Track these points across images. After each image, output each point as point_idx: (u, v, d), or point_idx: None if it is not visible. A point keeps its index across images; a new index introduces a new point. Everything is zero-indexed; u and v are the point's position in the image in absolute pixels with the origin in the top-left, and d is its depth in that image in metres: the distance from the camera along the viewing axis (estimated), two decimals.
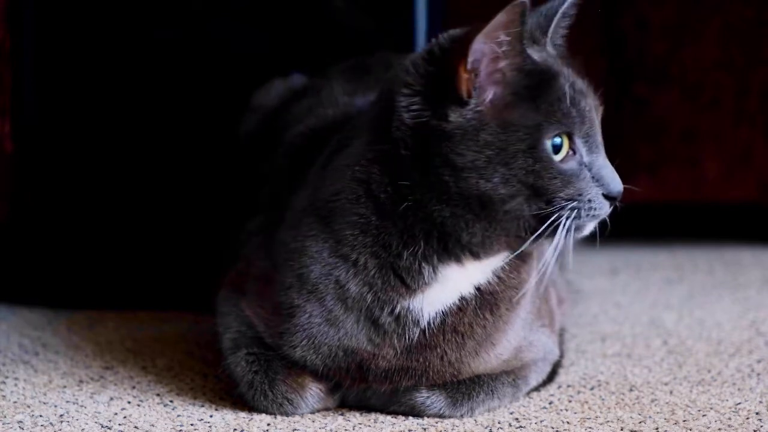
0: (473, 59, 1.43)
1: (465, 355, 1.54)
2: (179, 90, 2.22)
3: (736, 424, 1.57)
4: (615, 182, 1.48)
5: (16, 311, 2.22)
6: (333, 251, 1.52)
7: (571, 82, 1.48)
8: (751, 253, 2.79)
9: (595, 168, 1.47)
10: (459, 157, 1.44)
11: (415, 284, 1.50)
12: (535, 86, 1.45)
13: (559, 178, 1.45)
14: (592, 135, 1.48)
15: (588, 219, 1.48)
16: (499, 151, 1.43)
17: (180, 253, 2.23)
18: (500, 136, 1.44)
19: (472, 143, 1.44)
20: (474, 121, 1.44)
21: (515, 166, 1.43)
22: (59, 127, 2.23)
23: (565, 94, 1.46)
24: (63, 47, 2.21)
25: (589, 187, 1.47)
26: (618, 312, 2.22)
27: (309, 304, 1.54)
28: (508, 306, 1.55)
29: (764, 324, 2.11)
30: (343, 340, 1.53)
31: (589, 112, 1.48)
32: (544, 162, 1.44)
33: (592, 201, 1.46)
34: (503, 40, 1.42)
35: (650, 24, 2.74)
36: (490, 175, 1.43)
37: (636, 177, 2.73)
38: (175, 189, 2.23)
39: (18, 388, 1.73)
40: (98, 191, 2.24)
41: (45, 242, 2.26)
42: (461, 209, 1.46)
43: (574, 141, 1.46)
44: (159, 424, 1.57)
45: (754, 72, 2.75)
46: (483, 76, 1.44)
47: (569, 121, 1.46)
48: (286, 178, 1.70)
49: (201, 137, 2.21)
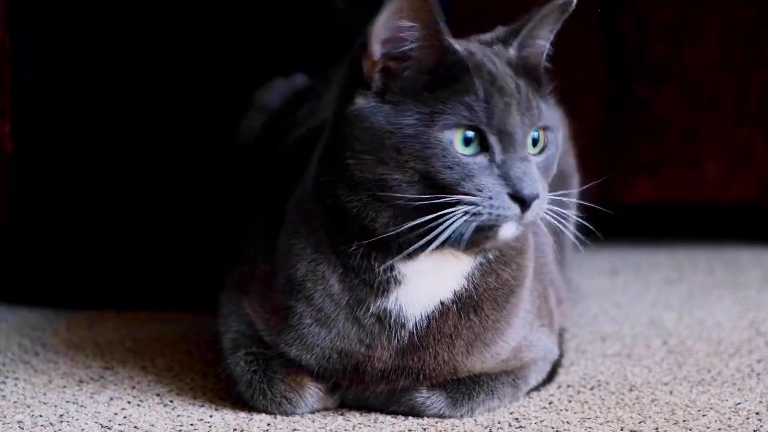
0: (374, 44, 1.45)
1: (457, 354, 1.55)
2: (179, 90, 2.22)
3: (736, 424, 1.57)
4: (523, 183, 1.43)
5: (16, 311, 2.22)
6: (315, 248, 1.53)
7: (492, 80, 1.45)
8: (751, 253, 2.79)
9: (506, 167, 1.44)
10: (357, 141, 1.45)
11: (374, 282, 1.50)
12: (440, 75, 1.45)
13: (457, 170, 1.43)
14: (508, 134, 1.44)
15: (491, 219, 1.43)
16: (391, 134, 1.44)
17: (180, 254, 2.23)
18: (392, 119, 1.44)
19: (369, 125, 1.45)
20: (373, 104, 1.46)
21: (406, 152, 1.43)
22: (59, 127, 2.23)
23: (476, 88, 1.44)
24: (63, 47, 2.21)
25: (493, 185, 1.43)
26: (618, 312, 2.22)
27: (299, 304, 1.54)
28: (494, 307, 1.55)
29: (764, 324, 2.11)
30: (336, 341, 1.54)
31: (504, 111, 1.44)
32: (436, 150, 1.42)
33: (493, 199, 1.42)
34: (405, 26, 1.43)
35: (650, 24, 2.74)
36: (385, 159, 1.44)
37: (636, 177, 2.74)
38: (176, 189, 2.23)
39: (18, 388, 1.73)
40: (98, 191, 2.24)
41: (45, 242, 2.26)
42: (366, 196, 1.46)
43: (487, 137, 1.44)
44: (159, 424, 1.57)
45: (754, 72, 2.75)
46: (385, 60, 1.45)
47: (475, 115, 1.43)
48: (287, 179, 1.70)
49: (201, 137, 2.21)
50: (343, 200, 1.48)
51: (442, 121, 1.43)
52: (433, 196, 1.42)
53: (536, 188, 1.43)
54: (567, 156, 1.95)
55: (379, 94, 1.46)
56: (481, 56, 1.48)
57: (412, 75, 1.45)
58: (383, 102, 1.46)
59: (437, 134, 1.43)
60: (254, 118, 2.03)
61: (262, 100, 2.05)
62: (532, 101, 1.48)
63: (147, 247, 2.25)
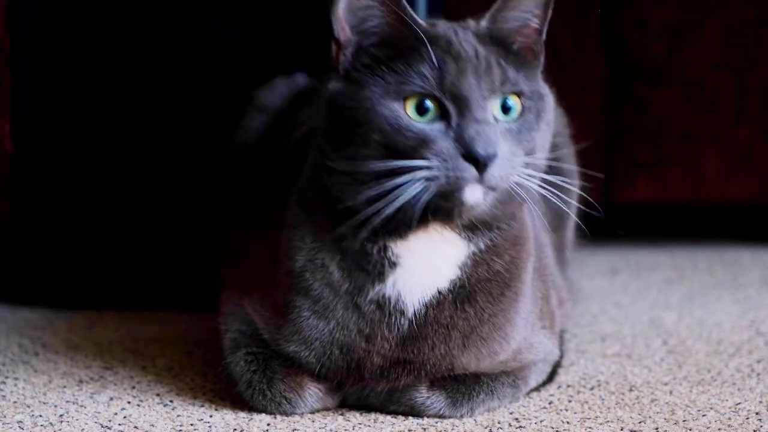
0: (337, 28, 1.49)
1: (453, 347, 1.55)
2: (180, 90, 2.22)
3: (736, 424, 1.57)
4: (475, 143, 1.43)
5: (16, 311, 2.22)
6: (314, 236, 1.55)
7: (448, 48, 1.47)
8: (751, 253, 2.79)
9: (460, 129, 1.44)
10: (331, 123, 1.50)
11: (370, 266, 1.52)
12: (399, 48, 1.47)
13: (413, 138, 1.44)
14: (463, 98, 1.45)
15: (449, 182, 1.43)
16: (353, 110, 1.47)
17: (180, 254, 2.23)
18: (355, 96, 1.47)
19: (336, 106, 1.49)
20: (340, 85, 1.50)
21: (367, 126, 1.45)
22: (59, 127, 2.23)
23: (431, 56, 1.46)
24: (63, 47, 2.21)
25: (448, 149, 1.44)
26: (618, 312, 2.22)
27: (298, 297, 1.55)
28: (488, 299, 1.56)
29: (764, 324, 2.11)
30: (335, 333, 1.54)
31: (458, 75, 1.45)
32: (392, 120, 1.45)
33: (448, 162, 1.43)
34: (363, 5, 1.47)
35: (650, 24, 2.74)
36: (351, 136, 1.47)
37: (636, 177, 2.74)
38: (176, 189, 2.23)
39: (18, 388, 1.73)
40: (98, 191, 2.24)
41: (45, 242, 2.26)
42: (341, 175, 1.48)
43: (444, 103, 1.46)
44: (159, 424, 1.57)
45: (754, 72, 2.75)
46: (348, 41, 1.49)
47: (427, 82, 1.45)
48: (288, 179, 1.70)
49: (202, 137, 2.21)
50: (327, 184, 1.51)
51: (397, 91, 1.46)
52: (389, 163, 1.44)
53: (491, 148, 1.43)
54: (567, 156, 1.95)
55: (346, 76, 1.50)
56: (444, 29, 1.51)
57: (373, 51, 1.49)
58: (349, 82, 1.49)
59: (392, 104, 1.45)
60: (255, 117, 2.03)
61: (263, 100, 2.05)
62: (494, 66, 1.48)
63: (147, 247, 2.25)
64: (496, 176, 1.44)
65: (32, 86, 2.22)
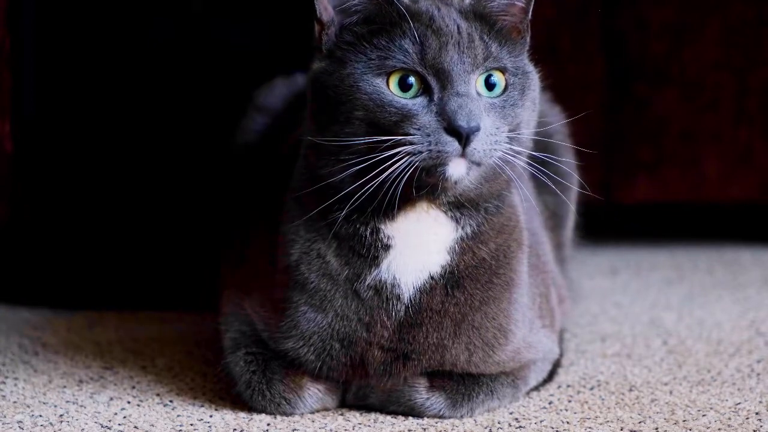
0: (320, 8, 1.51)
1: (445, 336, 1.55)
2: (180, 90, 2.22)
3: (736, 424, 1.57)
4: (457, 115, 1.43)
5: (16, 311, 2.22)
6: (308, 228, 1.55)
7: (430, 23, 1.48)
8: (751, 253, 2.79)
9: (442, 103, 1.45)
10: (316, 104, 1.51)
11: (365, 249, 1.52)
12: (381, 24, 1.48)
13: (395, 113, 1.45)
14: (444, 71, 1.46)
15: (432, 156, 1.43)
16: (336, 87, 1.47)
17: (180, 254, 2.24)
18: (337, 74, 1.48)
19: (320, 85, 1.50)
20: (324, 64, 1.51)
21: (350, 102, 1.46)
22: (59, 128, 2.23)
23: (413, 31, 1.46)
24: (63, 48, 2.21)
25: (430, 123, 1.44)
26: (618, 312, 2.22)
27: (295, 292, 1.55)
28: (476, 286, 1.56)
29: (764, 324, 2.11)
30: (334, 324, 1.54)
31: (439, 50, 1.46)
32: (374, 96, 1.46)
33: (431, 136, 1.44)
34: None
35: (650, 24, 2.74)
36: (335, 114, 1.47)
37: (636, 177, 2.74)
38: (176, 189, 2.23)
39: (18, 388, 1.73)
40: (98, 191, 2.24)
41: (45, 242, 2.26)
42: (326, 155, 1.49)
43: (426, 78, 1.46)
44: (159, 424, 1.57)
45: (754, 72, 2.75)
46: (331, 21, 1.50)
47: (409, 57, 1.46)
48: (287, 179, 1.70)
49: (201, 137, 2.21)
50: (316, 168, 1.51)
51: (380, 66, 1.46)
52: (373, 138, 1.44)
53: (473, 120, 1.43)
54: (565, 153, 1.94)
55: (329, 55, 1.51)
56: (426, 5, 1.51)
57: (356, 29, 1.50)
58: (332, 60, 1.50)
59: (375, 80, 1.46)
60: (255, 117, 2.03)
61: (262, 100, 2.05)
62: (477, 41, 1.48)
63: (147, 248, 2.25)
64: (480, 150, 1.45)
65: (32, 86, 2.22)
